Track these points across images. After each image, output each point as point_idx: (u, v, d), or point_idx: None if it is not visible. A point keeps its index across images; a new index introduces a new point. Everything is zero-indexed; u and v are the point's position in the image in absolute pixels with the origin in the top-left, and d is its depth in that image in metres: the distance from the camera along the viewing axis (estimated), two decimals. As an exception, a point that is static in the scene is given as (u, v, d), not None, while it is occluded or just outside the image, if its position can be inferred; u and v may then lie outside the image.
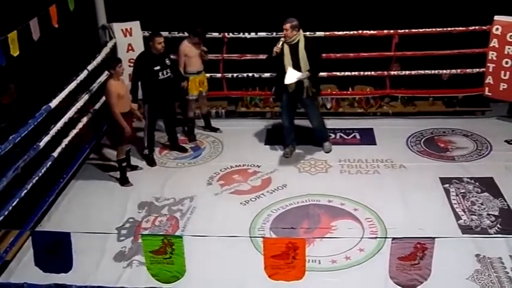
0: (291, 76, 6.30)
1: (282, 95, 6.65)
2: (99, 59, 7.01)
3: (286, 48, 6.37)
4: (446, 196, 5.99)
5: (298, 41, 6.37)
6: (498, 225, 5.51)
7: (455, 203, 5.86)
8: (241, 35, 7.63)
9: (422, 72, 7.67)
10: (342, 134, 7.40)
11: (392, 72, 7.70)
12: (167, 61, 6.62)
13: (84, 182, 6.52)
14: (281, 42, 6.36)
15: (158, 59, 6.53)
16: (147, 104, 6.67)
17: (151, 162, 6.81)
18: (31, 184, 5.56)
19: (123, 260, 5.21)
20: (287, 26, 6.33)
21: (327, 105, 8.02)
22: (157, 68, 6.51)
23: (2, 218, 5.09)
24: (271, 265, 3.91)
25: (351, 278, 4.93)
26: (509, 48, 7.13)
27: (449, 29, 7.39)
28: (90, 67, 6.77)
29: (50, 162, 5.93)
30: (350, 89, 7.97)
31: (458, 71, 7.65)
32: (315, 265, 4.99)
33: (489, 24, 7.23)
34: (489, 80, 7.41)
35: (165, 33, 6.88)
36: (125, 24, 7.50)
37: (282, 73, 6.36)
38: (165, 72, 6.58)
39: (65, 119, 6.21)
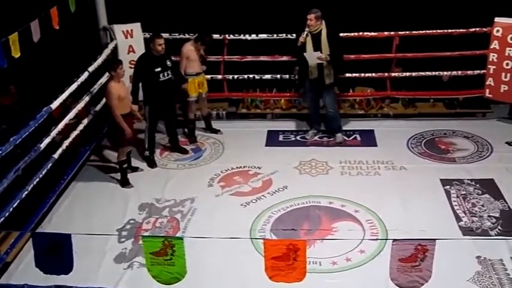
0: (312, 57, 6.73)
1: (305, 82, 7.08)
2: (100, 60, 7.01)
3: (309, 38, 6.76)
4: (447, 198, 5.99)
5: (320, 31, 6.73)
6: (499, 227, 5.50)
7: (456, 205, 5.86)
8: (241, 36, 7.64)
9: (423, 73, 7.68)
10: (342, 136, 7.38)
11: (393, 74, 7.70)
12: (168, 63, 6.63)
13: (84, 184, 6.52)
14: (306, 32, 6.74)
15: (159, 60, 6.54)
16: (148, 105, 6.68)
17: (152, 164, 6.81)
18: (32, 185, 5.56)
19: (124, 261, 5.21)
20: (311, 16, 6.70)
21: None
22: (158, 69, 6.52)
23: (2, 219, 5.09)
24: (272, 266, 3.91)
25: (351, 279, 4.93)
26: (509, 50, 7.13)
27: (449, 30, 7.40)
28: (90, 69, 6.78)
29: (50, 164, 5.93)
30: (351, 91, 7.96)
31: (459, 72, 7.66)
32: (316, 267, 4.99)
33: (490, 26, 7.23)
34: (490, 81, 7.41)
35: (165, 35, 6.90)
36: (125, 25, 7.50)
37: (305, 61, 6.80)
38: (165, 74, 6.58)
39: (66, 120, 6.22)
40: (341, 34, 6.98)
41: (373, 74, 7.69)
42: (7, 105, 7.60)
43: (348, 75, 7.59)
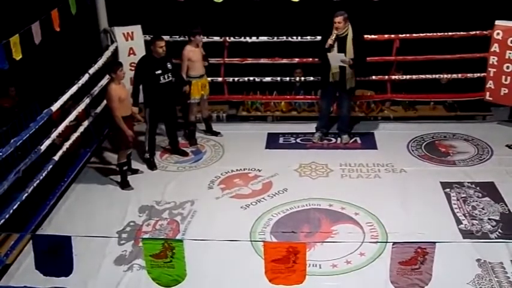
0: (336, 58, 6.68)
1: (326, 84, 7.00)
2: (100, 62, 7.02)
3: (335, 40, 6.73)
4: (447, 201, 5.99)
5: (347, 34, 6.67)
6: (499, 230, 5.50)
7: (456, 208, 5.86)
8: (242, 39, 7.65)
9: (423, 76, 7.68)
10: (342, 138, 7.39)
11: (393, 77, 7.70)
12: (169, 65, 6.63)
13: (85, 186, 6.52)
14: (335, 35, 6.66)
15: (159, 63, 6.55)
16: (148, 107, 6.68)
17: (152, 166, 6.81)
18: (32, 187, 5.56)
19: (124, 263, 5.21)
20: (340, 18, 6.63)
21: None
22: (159, 72, 6.52)
23: (2, 221, 5.09)
24: (272, 269, 3.91)
25: (351, 282, 4.92)
26: (510, 53, 7.14)
27: (450, 33, 7.40)
28: (91, 71, 6.78)
29: (51, 166, 5.93)
30: (351, 93, 7.96)
31: (459, 75, 7.67)
32: (316, 269, 4.98)
33: (490, 29, 7.24)
34: (490, 84, 7.41)
35: (166, 37, 6.91)
36: (126, 28, 7.51)
37: (327, 64, 6.77)
38: (166, 77, 6.59)
39: (66, 123, 6.22)
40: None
41: (374, 77, 7.69)
42: (7, 108, 7.60)
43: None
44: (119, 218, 5.88)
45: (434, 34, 7.43)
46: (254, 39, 7.63)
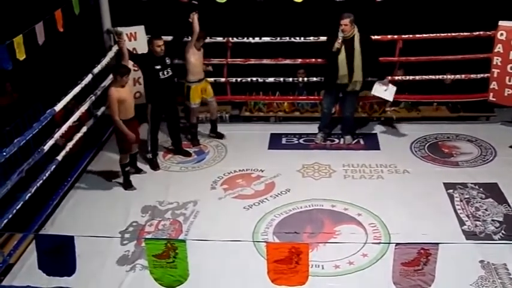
0: (388, 92, 6.96)
1: (331, 85, 7.02)
2: (103, 63, 7.03)
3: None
4: (450, 201, 5.98)
5: (353, 36, 6.66)
6: (502, 231, 5.49)
7: (459, 209, 5.85)
8: (245, 39, 7.65)
9: (426, 77, 7.67)
10: (345, 139, 7.37)
11: (396, 77, 7.69)
12: (167, 60, 6.63)
13: (88, 186, 6.53)
14: (341, 38, 6.64)
15: (159, 59, 6.57)
16: (150, 103, 6.69)
17: (155, 166, 6.82)
18: (35, 187, 5.57)
19: (126, 263, 5.22)
20: (346, 21, 6.61)
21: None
22: (158, 67, 6.54)
23: (6, 221, 5.10)
24: (274, 270, 3.91)
25: (354, 283, 4.92)
26: (514, 54, 7.12)
27: (453, 34, 7.38)
28: (94, 71, 6.78)
29: (54, 166, 5.94)
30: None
31: (463, 76, 7.65)
32: (318, 270, 4.99)
33: (494, 30, 7.23)
34: (494, 85, 7.38)
35: (169, 38, 6.91)
36: (129, 28, 7.50)
37: (335, 65, 6.73)
38: (165, 72, 6.60)
39: (69, 123, 6.23)
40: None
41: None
42: (4, 106, 7.55)
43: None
44: (121, 218, 5.89)
45: (438, 35, 7.41)
46: (257, 39, 7.63)
